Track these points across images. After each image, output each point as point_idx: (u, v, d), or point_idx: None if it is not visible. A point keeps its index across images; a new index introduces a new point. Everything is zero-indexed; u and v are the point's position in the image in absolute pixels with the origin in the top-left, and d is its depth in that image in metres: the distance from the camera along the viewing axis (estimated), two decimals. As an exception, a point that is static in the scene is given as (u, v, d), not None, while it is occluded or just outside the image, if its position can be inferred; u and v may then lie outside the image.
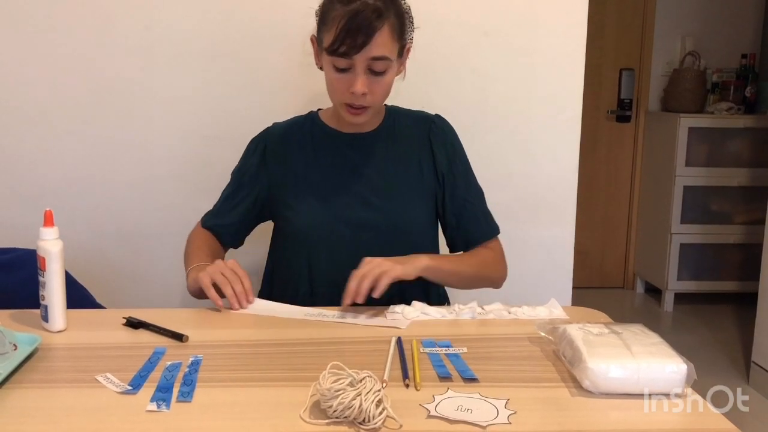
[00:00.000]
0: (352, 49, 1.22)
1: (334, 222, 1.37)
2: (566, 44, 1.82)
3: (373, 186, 1.40)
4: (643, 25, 3.92)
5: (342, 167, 1.40)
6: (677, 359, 0.94)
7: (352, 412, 0.83)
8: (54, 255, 1.12)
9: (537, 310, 1.27)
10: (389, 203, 1.39)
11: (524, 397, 0.93)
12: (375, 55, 1.24)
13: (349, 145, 1.41)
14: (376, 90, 1.29)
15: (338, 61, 1.25)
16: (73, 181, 1.79)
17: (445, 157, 1.43)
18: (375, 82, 1.27)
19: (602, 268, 4.17)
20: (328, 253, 1.38)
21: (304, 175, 1.40)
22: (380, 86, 1.29)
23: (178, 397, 0.91)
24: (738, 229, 3.72)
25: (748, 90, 3.78)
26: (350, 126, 1.40)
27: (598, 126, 3.99)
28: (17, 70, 1.74)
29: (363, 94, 1.27)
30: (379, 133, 1.42)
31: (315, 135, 1.43)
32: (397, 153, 1.42)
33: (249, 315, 1.26)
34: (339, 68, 1.26)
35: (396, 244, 1.37)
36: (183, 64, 1.76)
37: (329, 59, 1.27)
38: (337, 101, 1.32)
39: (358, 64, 1.25)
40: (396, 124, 1.44)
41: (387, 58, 1.26)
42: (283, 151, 1.42)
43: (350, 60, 1.24)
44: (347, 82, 1.27)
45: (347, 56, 1.23)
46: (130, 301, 1.81)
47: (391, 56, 1.27)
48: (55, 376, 1.00)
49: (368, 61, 1.25)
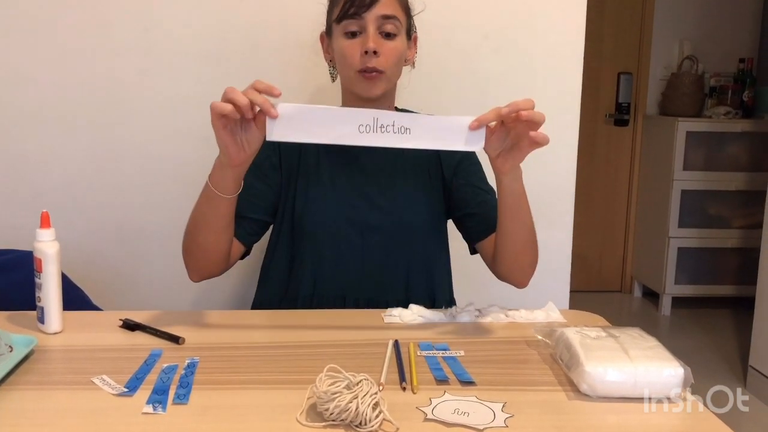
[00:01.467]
0: (361, 8, 1.27)
1: (341, 222, 1.36)
2: (565, 48, 1.82)
3: (381, 187, 1.39)
4: (641, 29, 3.93)
5: (351, 167, 1.39)
6: (674, 363, 0.94)
7: (349, 415, 0.83)
8: (50, 257, 1.12)
9: (534, 313, 1.27)
10: (397, 205, 1.38)
11: (521, 400, 0.93)
12: (384, 13, 1.28)
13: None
14: (388, 53, 1.29)
15: (349, 25, 1.28)
16: (71, 183, 1.78)
17: (455, 158, 1.41)
18: (385, 44, 1.29)
19: (600, 272, 4.18)
20: (333, 254, 1.36)
21: (315, 171, 1.38)
22: (391, 50, 1.30)
23: (174, 400, 0.91)
24: (735, 233, 3.73)
25: (746, 94, 3.79)
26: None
27: (597, 130, 4.00)
28: (16, 70, 1.74)
29: (374, 54, 1.27)
30: None
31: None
32: (406, 154, 1.41)
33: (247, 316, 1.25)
34: (350, 32, 1.29)
35: (402, 246, 1.37)
36: (182, 66, 1.76)
37: (340, 28, 1.29)
38: (350, 71, 1.31)
39: (369, 23, 1.27)
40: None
41: (396, 18, 1.29)
42: (295, 145, 1.38)
43: (361, 21, 1.27)
44: (359, 44, 1.28)
45: (358, 15, 1.27)
46: (127, 303, 1.81)
47: (400, 19, 1.30)
48: (51, 378, 0.99)
49: (378, 20, 1.28)
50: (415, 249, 1.38)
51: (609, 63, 3.94)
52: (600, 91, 3.96)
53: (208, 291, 1.83)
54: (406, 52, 1.35)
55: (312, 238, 1.36)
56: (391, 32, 1.30)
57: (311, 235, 1.36)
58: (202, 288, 1.82)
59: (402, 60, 1.34)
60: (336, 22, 1.30)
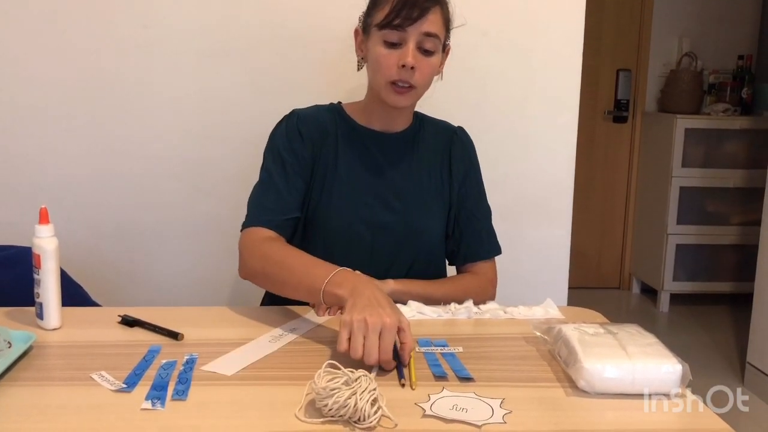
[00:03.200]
0: (406, 21, 1.25)
1: (354, 221, 1.36)
2: (564, 45, 1.82)
3: (395, 188, 1.39)
4: (640, 27, 3.92)
5: (367, 165, 1.39)
6: (672, 360, 0.94)
7: (347, 411, 0.83)
8: (49, 253, 1.12)
9: (533, 310, 1.27)
10: (409, 208, 1.38)
11: (519, 396, 0.93)
12: (428, 31, 1.27)
13: (375, 143, 1.39)
14: (424, 69, 1.29)
15: (390, 35, 1.27)
16: (70, 179, 1.78)
17: (462, 171, 1.43)
18: (423, 60, 1.28)
19: (598, 269, 4.18)
20: (345, 252, 1.34)
21: (333, 166, 1.37)
22: (427, 67, 1.29)
23: (173, 396, 0.91)
24: (734, 230, 3.73)
25: (745, 91, 3.79)
26: (379, 123, 1.39)
27: (595, 126, 4.00)
28: (15, 67, 1.73)
29: (411, 69, 1.27)
30: (405, 136, 1.42)
31: (342, 128, 1.40)
32: (420, 159, 1.42)
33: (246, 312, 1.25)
34: (390, 43, 1.28)
35: (410, 248, 1.38)
36: (181, 63, 1.76)
37: (380, 35, 1.28)
38: (383, 80, 1.30)
39: (411, 37, 1.27)
40: (422, 129, 1.44)
41: (437, 36, 1.29)
42: (317, 138, 1.37)
43: (403, 33, 1.26)
44: (397, 56, 1.27)
45: (401, 27, 1.25)
46: (126, 299, 1.81)
47: (441, 38, 1.30)
48: (50, 374, 0.99)
49: (420, 36, 1.27)
50: (421, 249, 1.40)
51: (608, 60, 3.94)
52: (599, 88, 3.96)
53: (207, 287, 1.83)
54: (438, 68, 1.35)
55: (324, 233, 1.36)
56: (429, 49, 1.29)
57: (323, 229, 1.36)
58: (202, 284, 1.83)
59: (433, 76, 1.34)
60: (377, 27, 1.28)
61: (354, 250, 1.36)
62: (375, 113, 1.39)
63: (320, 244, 1.36)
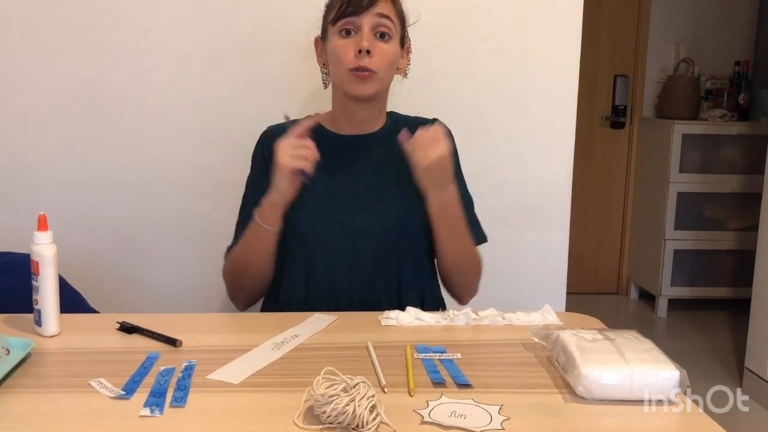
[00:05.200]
0: (359, 8, 1.29)
1: (332, 226, 1.37)
2: (561, 50, 1.82)
3: (371, 190, 1.39)
4: (637, 32, 3.94)
5: (340, 170, 1.40)
6: (670, 365, 0.94)
7: (346, 418, 0.83)
8: (47, 259, 1.12)
9: (531, 315, 1.27)
10: (387, 208, 1.38)
11: (518, 403, 0.93)
12: (381, 12, 1.30)
13: (348, 148, 1.41)
14: (382, 54, 1.31)
15: (345, 23, 1.30)
16: (68, 185, 1.78)
17: None
18: (379, 45, 1.31)
19: (596, 274, 4.18)
20: (325, 257, 1.37)
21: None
22: (384, 52, 1.31)
23: (171, 402, 0.91)
24: (731, 235, 3.74)
25: (742, 97, 3.80)
26: (350, 127, 1.40)
27: (593, 132, 4.01)
28: (13, 72, 1.73)
29: (368, 53, 1.29)
30: (378, 137, 1.42)
31: (314, 138, 1.42)
32: (396, 157, 1.41)
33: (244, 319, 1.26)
34: (345, 32, 1.31)
35: (393, 249, 1.37)
36: (180, 68, 1.76)
37: (335, 29, 1.31)
38: (343, 70, 1.32)
39: (365, 23, 1.30)
40: (395, 128, 1.43)
41: (391, 19, 1.31)
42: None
43: (357, 21, 1.29)
44: (354, 43, 1.30)
45: (354, 14, 1.29)
46: (125, 305, 1.80)
47: (395, 22, 1.33)
48: (48, 381, 0.99)
49: (375, 18, 1.30)
50: (405, 249, 1.39)
51: (605, 65, 3.95)
52: (596, 94, 3.97)
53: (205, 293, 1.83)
54: (398, 59, 1.37)
55: (302, 241, 1.37)
56: (385, 32, 1.31)
57: (302, 238, 1.37)
58: (200, 291, 1.83)
59: (394, 65, 1.36)
60: (332, 23, 1.32)
61: (335, 257, 1.36)
62: (343, 117, 1.40)
63: (300, 254, 1.37)
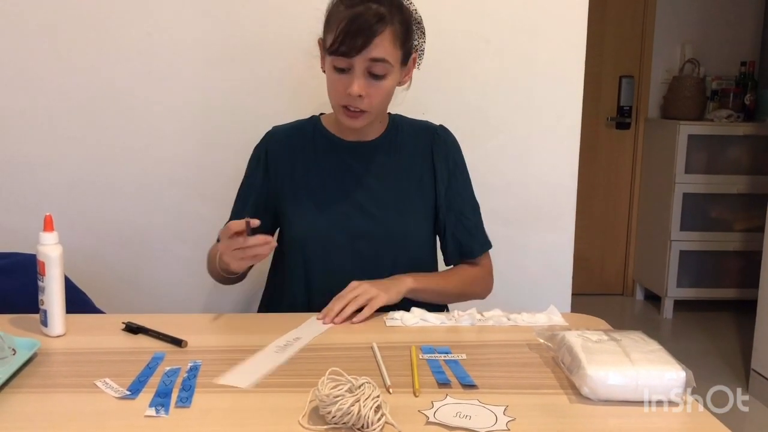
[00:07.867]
0: (351, 50, 1.23)
1: (332, 230, 1.37)
2: (566, 51, 1.82)
3: (373, 195, 1.39)
4: (642, 33, 3.93)
5: (342, 175, 1.40)
6: (676, 366, 0.94)
7: (351, 418, 0.83)
8: (53, 260, 1.12)
9: (536, 316, 1.27)
10: (388, 213, 1.38)
11: (523, 403, 0.93)
12: (374, 56, 1.24)
13: (350, 153, 1.41)
14: (374, 94, 1.28)
15: (338, 61, 1.26)
16: (74, 186, 1.79)
17: (446, 171, 1.43)
18: (373, 86, 1.27)
19: (602, 275, 4.17)
20: (325, 261, 1.37)
21: (304, 180, 1.39)
22: (379, 91, 1.28)
23: (176, 403, 0.91)
24: (737, 236, 3.72)
25: (748, 97, 3.79)
26: (352, 133, 1.40)
27: (598, 133, 4.00)
28: (19, 74, 1.74)
29: (359, 96, 1.26)
30: (381, 142, 1.42)
31: (316, 140, 1.42)
32: (399, 163, 1.42)
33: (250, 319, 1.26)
34: (339, 68, 1.27)
35: (393, 254, 1.38)
36: (185, 70, 1.77)
37: (330, 60, 1.27)
38: (335, 103, 1.32)
39: (357, 65, 1.25)
40: (399, 133, 1.43)
41: (386, 61, 1.26)
42: (285, 155, 1.41)
43: (350, 60, 1.24)
44: (345, 83, 1.26)
45: (347, 56, 1.24)
46: (130, 306, 1.81)
47: (391, 61, 1.27)
48: (54, 381, 1.00)
49: (367, 62, 1.25)
50: (405, 254, 1.39)
51: (610, 66, 3.94)
52: (601, 95, 3.96)
53: (212, 294, 1.84)
54: (395, 86, 1.33)
55: (303, 244, 1.37)
56: (379, 74, 1.27)
57: (302, 241, 1.37)
58: (206, 291, 1.83)
59: (390, 95, 1.33)
60: (327, 51, 1.28)
61: (333, 259, 1.37)
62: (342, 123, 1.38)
63: (299, 255, 1.38)
